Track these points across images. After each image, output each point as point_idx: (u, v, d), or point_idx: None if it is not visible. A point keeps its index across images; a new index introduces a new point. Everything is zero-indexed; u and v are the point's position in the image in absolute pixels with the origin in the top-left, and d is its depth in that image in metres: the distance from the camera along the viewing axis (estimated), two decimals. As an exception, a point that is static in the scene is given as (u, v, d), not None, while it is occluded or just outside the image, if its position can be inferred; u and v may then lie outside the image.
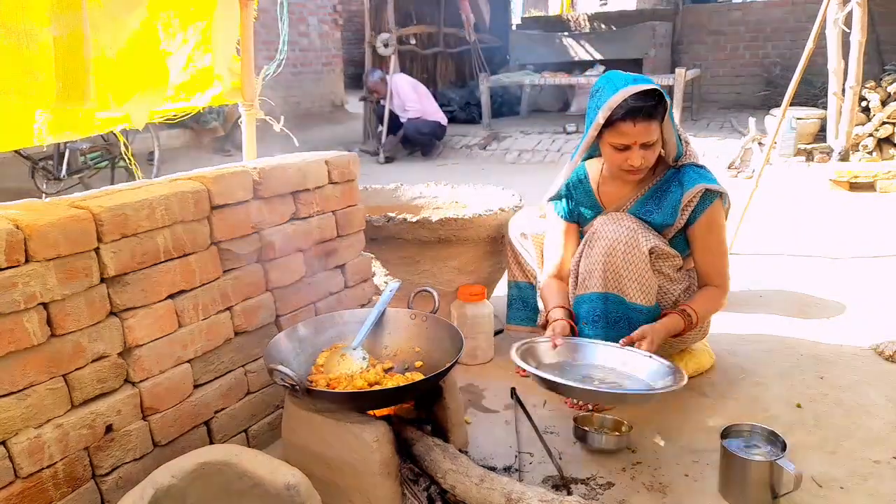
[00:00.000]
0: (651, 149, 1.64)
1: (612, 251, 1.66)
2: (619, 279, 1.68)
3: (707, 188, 1.68)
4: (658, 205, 1.74)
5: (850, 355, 2.03)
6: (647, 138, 1.61)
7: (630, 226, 1.68)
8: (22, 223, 1.12)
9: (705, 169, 1.75)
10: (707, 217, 1.71)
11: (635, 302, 1.68)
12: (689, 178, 1.71)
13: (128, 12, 1.54)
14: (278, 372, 1.31)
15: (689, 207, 1.70)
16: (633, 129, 1.60)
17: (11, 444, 1.12)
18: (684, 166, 1.73)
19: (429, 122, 6.28)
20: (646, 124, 1.59)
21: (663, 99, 1.61)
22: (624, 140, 1.62)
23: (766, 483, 1.35)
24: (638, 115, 1.58)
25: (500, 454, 1.59)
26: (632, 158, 1.64)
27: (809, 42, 2.81)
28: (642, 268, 1.66)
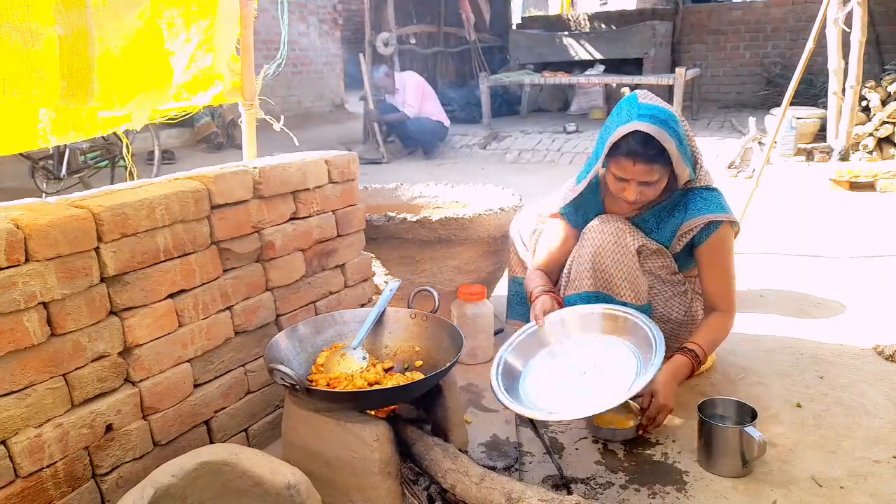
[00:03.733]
0: (651, 186, 1.62)
1: (600, 251, 1.67)
2: (608, 278, 1.68)
3: (710, 220, 1.65)
4: (658, 224, 1.73)
5: (849, 355, 2.03)
6: (646, 178, 1.60)
7: (618, 226, 1.68)
8: (22, 223, 1.12)
9: (715, 193, 1.69)
10: (713, 240, 1.67)
11: (625, 301, 1.68)
12: (695, 205, 1.67)
13: (132, 11, 1.54)
14: (278, 371, 1.31)
15: (686, 235, 1.68)
16: (632, 167, 1.59)
17: (11, 444, 1.12)
18: (693, 190, 1.69)
19: (431, 121, 6.29)
20: (645, 166, 1.58)
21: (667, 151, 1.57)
22: (622, 174, 1.62)
23: (737, 450, 1.44)
24: (637, 157, 1.57)
25: (500, 454, 1.59)
26: (628, 191, 1.63)
27: (809, 41, 2.81)
28: (631, 266, 1.66)
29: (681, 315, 1.76)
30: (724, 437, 1.46)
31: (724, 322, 1.70)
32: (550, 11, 12.46)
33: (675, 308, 1.75)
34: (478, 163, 6.18)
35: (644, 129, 1.56)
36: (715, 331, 1.69)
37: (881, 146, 4.84)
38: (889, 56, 6.42)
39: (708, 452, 1.49)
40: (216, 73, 1.90)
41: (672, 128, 1.58)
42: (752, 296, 2.55)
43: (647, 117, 1.58)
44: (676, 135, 1.59)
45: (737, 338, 2.16)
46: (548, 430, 1.68)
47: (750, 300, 2.51)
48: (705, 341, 1.65)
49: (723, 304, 1.70)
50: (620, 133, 1.58)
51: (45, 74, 1.34)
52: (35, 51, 1.31)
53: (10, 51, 1.29)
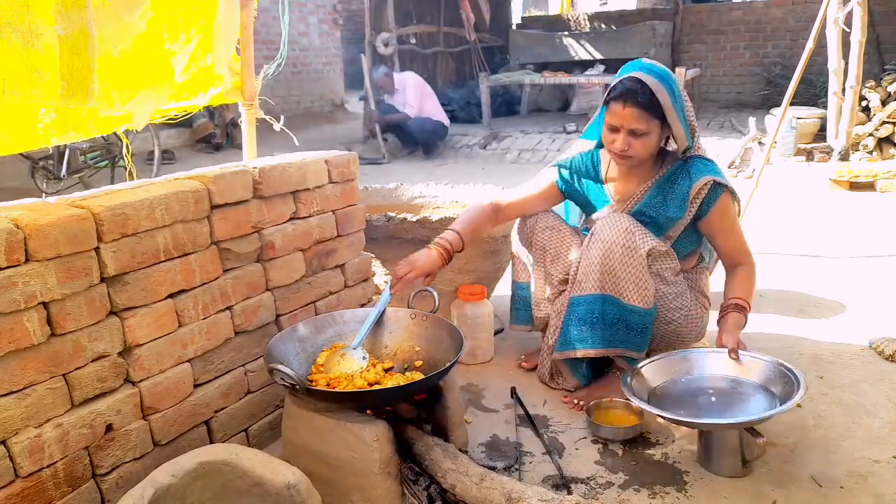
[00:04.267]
0: (640, 139, 1.61)
1: (609, 252, 1.66)
2: (616, 281, 1.67)
3: (715, 180, 1.66)
4: (665, 197, 1.72)
5: (849, 355, 2.03)
6: (634, 125, 1.59)
7: (627, 227, 1.66)
8: (22, 223, 1.11)
9: (713, 162, 1.72)
10: (718, 208, 1.68)
11: (632, 304, 1.67)
12: (697, 169, 1.68)
13: (133, 11, 1.54)
14: (278, 371, 1.31)
15: (697, 199, 1.68)
16: (621, 111, 1.59)
17: (11, 444, 1.12)
18: (692, 158, 1.71)
19: (432, 121, 6.29)
20: (634, 110, 1.58)
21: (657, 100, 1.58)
22: (613, 120, 1.62)
23: (737, 450, 1.45)
24: (628, 99, 1.58)
25: (500, 454, 1.59)
26: (617, 141, 1.62)
27: (809, 41, 2.81)
28: (640, 270, 1.65)
29: (681, 317, 1.75)
30: (724, 437, 1.46)
31: (751, 272, 1.73)
32: (550, 11, 12.47)
33: (677, 310, 1.74)
34: (478, 163, 6.18)
35: (639, 76, 1.59)
36: (746, 279, 1.71)
37: (881, 146, 4.84)
38: (889, 56, 6.42)
39: (708, 452, 1.49)
40: (216, 73, 1.90)
41: (669, 85, 1.60)
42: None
43: (646, 69, 1.62)
44: (672, 92, 1.60)
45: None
46: (548, 431, 1.68)
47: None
48: (745, 293, 1.68)
49: (743, 258, 1.73)
50: (617, 79, 1.62)
51: (46, 74, 1.34)
52: (35, 51, 1.31)
53: (11, 51, 1.29)
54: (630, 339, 1.70)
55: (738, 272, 1.73)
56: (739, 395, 1.55)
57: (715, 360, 1.64)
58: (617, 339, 1.70)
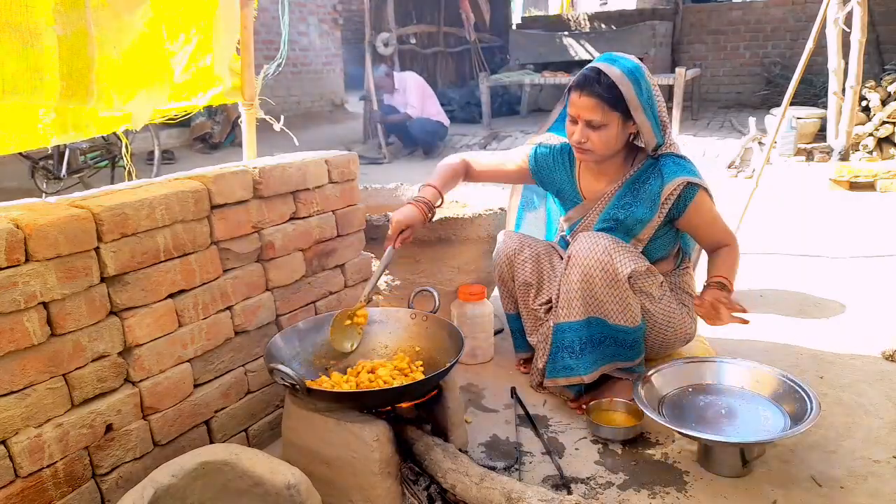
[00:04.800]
0: (597, 131, 1.58)
1: (588, 277, 1.61)
2: (599, 304, 1.64)
3: (689, 181, 1.62)
4: (636, 197, 1.68)
5: (849, 355, 2.03)
6: (590, 116, 1.56)
7: (606, 247, 1.60)
8: (22, 223, 1.11)
9: (687, 160, 1.68)
10: (693, 208, 1.65)
11: (618, 323, 1.65)
12: (670, 169, 1.63)
13: (132, 11, 1.54)
14: (278, 371, 1.31)
15: (669, 201, 1.63)
16: (577, 101, 1.57)
17: (11, 444, 1.12)
18: (663, 156, 1.67)
19: (432, 121, 6.30)
20: (589, 100, 1.55)
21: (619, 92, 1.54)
22: (571, 110, 1.60)
23: (737, 450, 1.45)
24: (584, 88, 1.55)
25: (500, 454, 1.59)
26: (575, 133, 1.61)
27: (809, 41, 2.81)
28: (623, 293, 1.61)
29: (671, 329, 1.72)
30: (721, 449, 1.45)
31: (733, 252, 1.69)
32: (550, 11, 12.47)
33: (667, 323, 1.71)
34: (478, 163, 6.17)
35: (601, 66, 1.56)
36: (728, 258, 1.67)
37: (881, 146, 4.85)
38: (889, 56, 6.42)
39: (708, 452, 1.49)
40: (216, 73, 1.90)
41: (634, 76, 1.56)
42: (752, 296, 2.55)
43: (611, 60, 1.58)
44: (637, 84, 1.56)
45: (737, 338, 2.17)
46: (548, 431, 1.68)
47: (750, 300, 2.51)
48: (726, 270, 1.63)
49: (725, 240, 1.70)
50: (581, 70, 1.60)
51: (45, 74, 1.34)
52: (34, 51, 1.31)
53: (10, 51, 1.29)
54: (621, 353, 1.70)
55: (720, 252, 1.69)
56: (750, 410, 1.54)
57: (728, 371, 1.64)
58: (608, 355, 1.69)
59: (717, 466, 1.48)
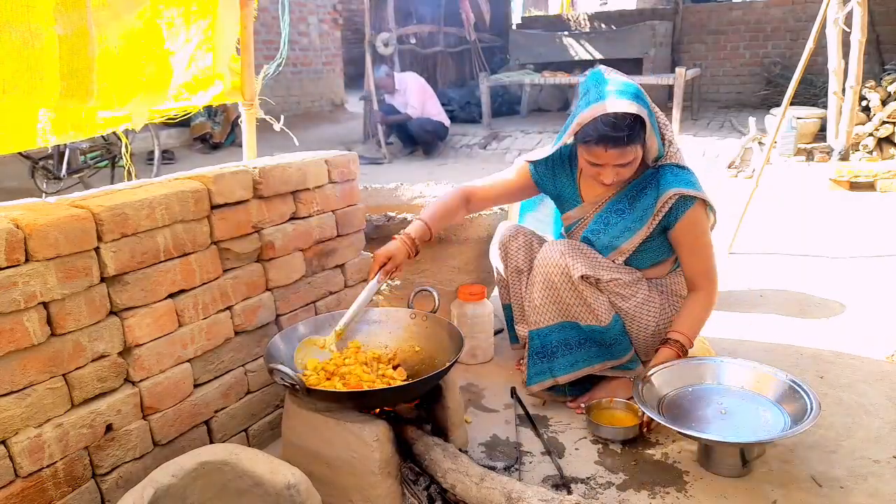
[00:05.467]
0: (627, 167, 1.56)
1: (549, 282, 1.64)
2: (567, 308, 1.65)
3: (682, 193, 1.58)
4: (630, 205, 1.67)
5: (849, 355, 2.03)
6: (621, 161, 1.53)
7: (562, 251, 1.62)
8: (22, 222, 1.11)
9: (687, 171, 1.64)
10: (687, 220, 1.61)
11: (589, 324, 1.66)
12: (666, 180, 1.61)
13: (132, 11, 1.54)
14: (278, 371, 1.31)
15: (662, 211, 1.61)
16: (604, 154, 1.52)
17: (11, 444, 1.12)
18: (663, 167, 1.64)
19: (432, 121, 6.30)
20: (618, 151, 1.51)
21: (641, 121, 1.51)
22: (596, 160, 1.56)
23: (737, 450, 1.45)
24: (609, 143, 1.50)
25: (499, 453, 1.59)
26: (604, 175, 1.57)
27: (809, 41, 2.81)
28: (583, 293, 1.62)
29: (654, 322, 1.71)
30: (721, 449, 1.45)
31: (706, 300, 1.65)
32: (550, 11, 12.47)
33: (647, 316, 1.70)
34: (478, 163, 6.18)
35: (616, 107, 1.48)
36: (697, 311, 1.65)
37: (881, 146, 4.84)
38: (889, 56, 6.42)
39: (708, 452, 1.49)
40: (216, 73, 1.90)
41: (643, 100, 1.54)
42: (752, 296, 2.55)
43: (618, 94, 1.52)
44: (647, 106, 1.54)
45: (736, 338, 2.17)
46: (548, 431, 1.68)
47: (750, 300, 2.51)
48: (688, 327, 1.63)
49: (702, 281, 1.66)
50: (591, 115, 1.50)
51: (45, 74, 1.34)
52: (35, 50, 1.31)
53: (10, 50, 1.29)
54: (605, 352, 1.70)
55: (691, 299, 1.68)
56: (750, 410, 1.54)
57: (728, 371, 1.64)
58: (592, 356, 1.70)
59: (717, 466, 1.48)
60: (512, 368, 2.04)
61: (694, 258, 1.67)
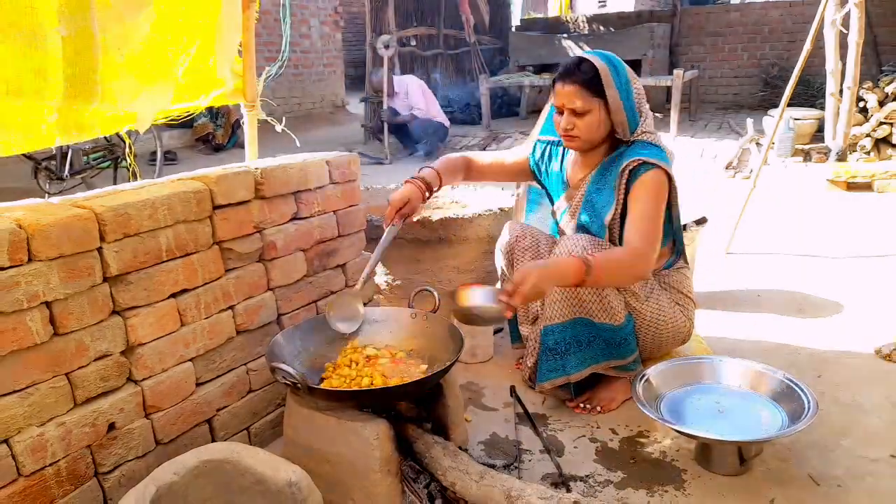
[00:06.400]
0: (582, 118, 1.62)
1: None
2: (583, 304, 1.65)
3: (644, 160, 1.59)
4: (605, 180, 1.70)
5: (847, 354, 2.04)
6: (572, 104, 1.62)
7: (584, 247, 1.62)
8: (25, 223, 1.12)
9: (655, 147, 1.65)
10: (641, 180, 1.59)
11: (603, 322, 1.66)
12: (634, 151, 1.63)
13: (136, 13, 1.55)
14: (280, 370, 1.32)
15: (623, 176, 1.62)
16: (561, 90, 1.63)
17: (14, 443, 1.12)
18: (635, 142, 1.66)
19: (433, 122, 6.32)
20: (571, 88, 1.61)
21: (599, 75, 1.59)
22: (557, 101, 1.66)
23: (735, 448, 1.45)
24: (566, 78, 1.62)
25: (499, 452, 1.60)
26: (562, 121, 1.65)
27: (807, 43, 2.83)
28: (604, 290, 1.62)
29: (664, 326, 1.72)
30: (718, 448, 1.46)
31: (628, 255, 1.53)
32: (549, 13, 12.49)
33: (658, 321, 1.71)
34: (477, 164, 6.19)
35: (583, 56, 1.63)
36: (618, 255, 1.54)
37: (878, 147, 4.86)
38: (886, 57, 6.43)
39: (706, 451, 1.50)
40: (218, 74, 1.91)
41: (611, 62, 1.63)
42: (750, 296, 2.56)
43: (593, 53, 1.65)
44: (615, 68, 1.62)
45: (735, 338, 2.18)
46: (547, 429, 1.69)
47: (748, 300, 2.52)
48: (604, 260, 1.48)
49: (635, 239, 1.54)
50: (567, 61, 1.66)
51: (49, 75, 1.35)
52: (39, 52, 1.32)
53: (14, 52, 1.30)
54: (611, 352, 1.70)
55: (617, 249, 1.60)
56: (747, 409, 1.55)
57: (726, 370, 1.65)
58: (598, 354, 1.70)
59: (715, 465, 1.48)
60: (511, 367, 2.05)
61: (632, 220, 1.58)
